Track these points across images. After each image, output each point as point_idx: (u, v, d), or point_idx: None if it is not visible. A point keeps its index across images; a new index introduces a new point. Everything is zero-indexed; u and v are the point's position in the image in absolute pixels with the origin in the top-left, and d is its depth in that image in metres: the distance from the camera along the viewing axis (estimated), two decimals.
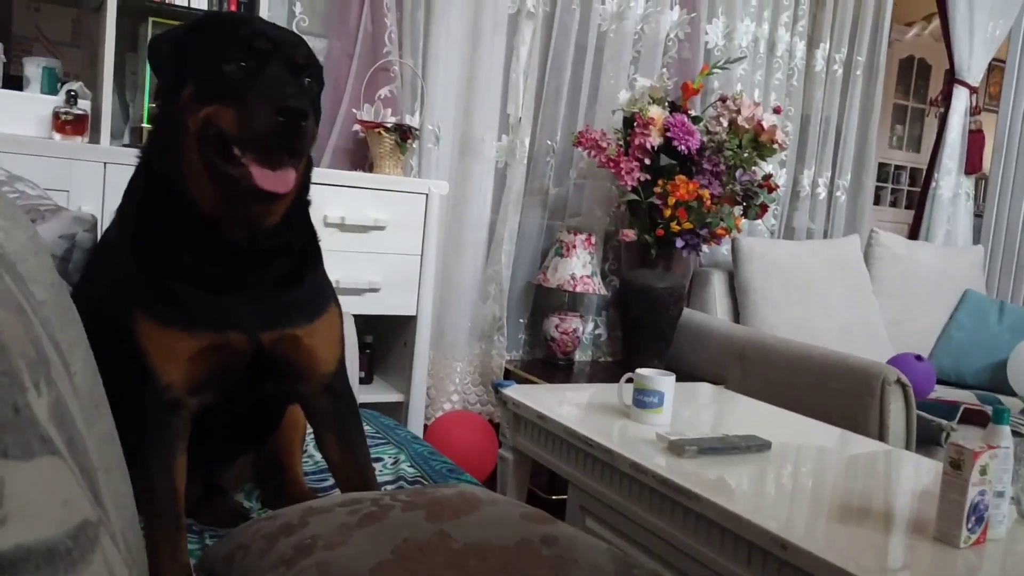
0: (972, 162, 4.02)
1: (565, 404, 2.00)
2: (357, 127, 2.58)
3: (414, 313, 2.48)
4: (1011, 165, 4.03)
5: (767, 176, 2.93)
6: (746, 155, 2.82)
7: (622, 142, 2.85)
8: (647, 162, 2.78)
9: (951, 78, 3.96)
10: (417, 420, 2.52)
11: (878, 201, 5.65)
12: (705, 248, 2.93)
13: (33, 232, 0.67)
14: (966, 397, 2.85)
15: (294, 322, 1.07)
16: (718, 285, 3.16)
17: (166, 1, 2.20)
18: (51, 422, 0.39)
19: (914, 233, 4.03)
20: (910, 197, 6.06)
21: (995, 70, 4.99)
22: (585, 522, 1.71)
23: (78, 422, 0.47)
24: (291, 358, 1.08)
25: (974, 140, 4.01)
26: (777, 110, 3.02)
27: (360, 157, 2.63)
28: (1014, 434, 1.34)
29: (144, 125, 2.23)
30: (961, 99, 3.93)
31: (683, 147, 2.76)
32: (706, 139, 2.86)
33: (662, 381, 1.80)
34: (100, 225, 1.28)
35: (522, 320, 3.09)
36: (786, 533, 1.23)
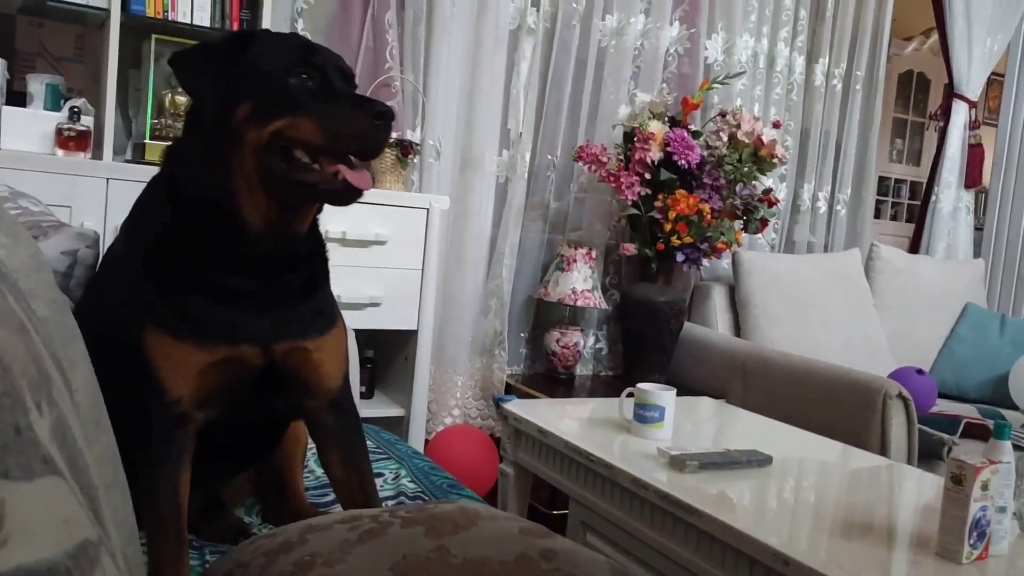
0: (972, 176, 4.02)
1: (566, 419, 2.00)
2: None
3: (415, 327, 2.48)
4: (1011, 179, 4.04)
5: (767, 190, 2.93)
6: (746, 169, 2.83)
7: (622, 157, 2.86)
8: (647, 177, 2.79)
9: (950, 92, 3.97)
10: (418, 435, 2.51)
11: (878, 215, 5.65)
12: (706, 262, 2.93)
13: (35, 249, 0.67)
14: (968, 411, 2.85)
15: (306, 335, 1.07)
16: (719, 299, 3.16)
17: (169, 18, 2.22)
18: (53, 442, 0.40)
19: (915, 247, 4.03)
20: (911, 210, 6.07)
21: (994, 84, 5.01)
22: (586, 537, 1.71)
23: (79, 440, 0.47)
24: (300, 371, 1.08)
25: (974, 154, 4.02)
26: (777, 124, 3.03)
27: None
28: (1015, 448, 1.34)
29: (147, 141, 2.24)
30: (960, 113, 3.94)
31: (683, 161, 2.77)
32: (706, 153, 2.87)
33: (663, 396, 1.80)
34: (103, 241, 1.29)
35: (523, 334, 3.09)
36: (788, 549, 1.23)
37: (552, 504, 2.54)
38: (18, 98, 2.22)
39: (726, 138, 2.86)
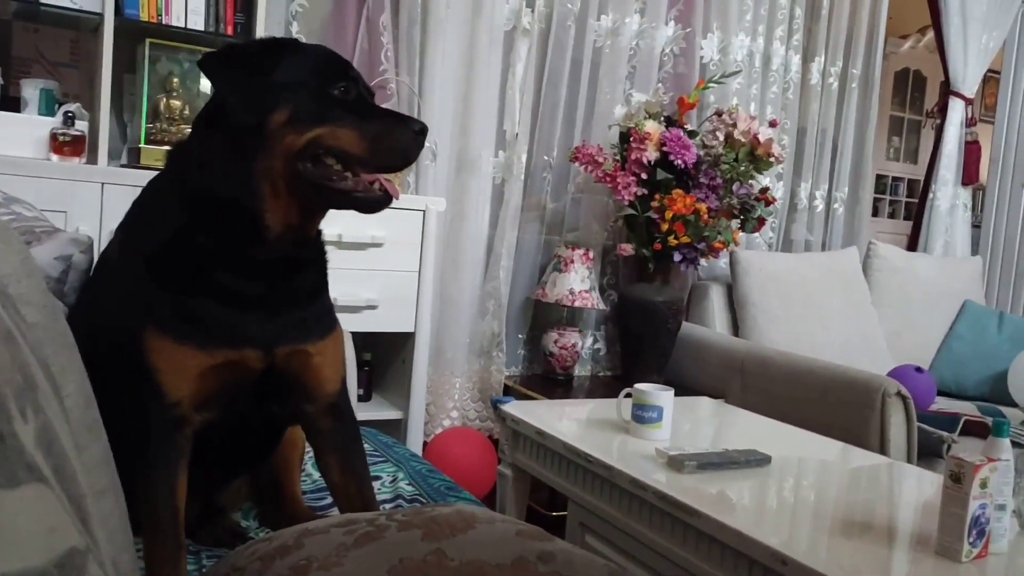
0: (969, 173, 4.02)
1: (564, 420, 2.00)
2: None
3: (412, 330, 2.48)
4: (1008, 175, 4.04)
5: (764, 189, 2.93)
6: (743, 168, 2.83)
7: (619, 157, 2.86)
8: (644, 177, 2.79)
9: (947, 90, 3.97)
10: (416, 437, 2.51)
11: (876, 213, 5.66)
12: (703, 262, 2.93)
13: (26, 254, 0.66)
14: (967, 408, 2.85)
15: (307, 338, 1.08)
16: (717, 298, 3.16)
17: (163, 22, 2.21)
18: (38, 449, 0.39)
19: (912, 244, 4.03)
20: (908, 208, 6.07)
21: (991, 81, 5.01)
22: (585, 538, 1.70)
23: (67, 448, 0.47)
24: (300, 375, 1.08)
25: (971, 151, 4.02)
26: (773, 123, 3.03)
27: None
28: (1014, 446, 1.34)
29: (142, 146, 2.24)
30: (957, 110, 3.94)
31: (680, 161, 2.76)
32: (702, 153, 2.87)
33: (661, 396, 1.80)
34: (97, 246, 1.28)
35: (521, 336, 3.09)
36: (787, 549, 1.22)
37: (551, 506, 2.54)
38: (12, 103, 2.22)
39: (722, 137, 2.85)
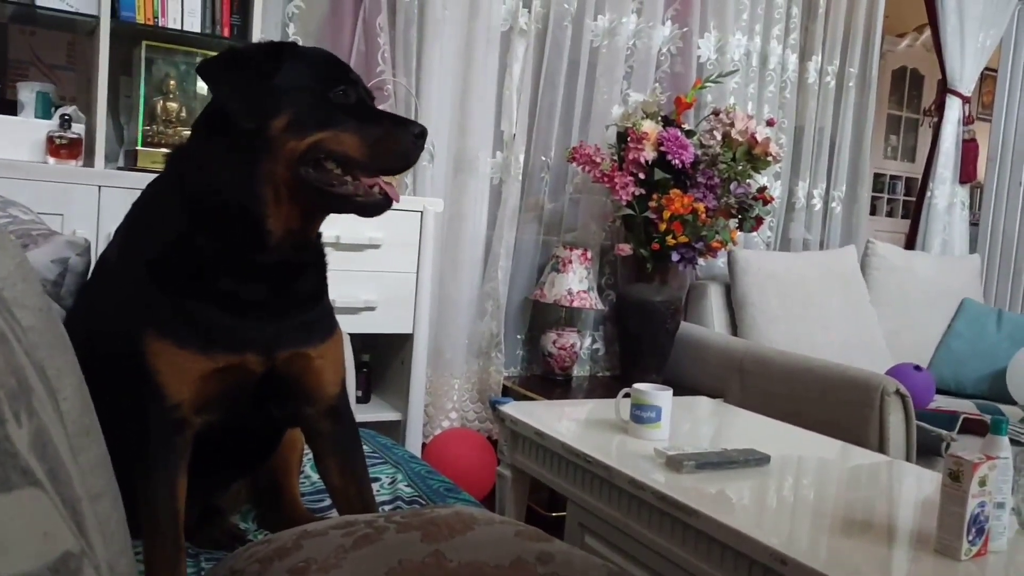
0: (967, 171, 4.02)
1: (563, 420, 1.99)
2: None
3: (411, 331, 2.48)
4: (1005, 173, 4.04)
5: (762, 188, 2.93)
6: (740, 168, 2.83)
7: (616, 157, 2.86)
8: (641, 176, 2.79)
9: (944, 88, 3.97)
10: (415, 438, 2.51)
11: (874, 211, 5.65)
12: (701, 261, 2.93)
13: (21, 257, 0.66)
14: (966, 406, 2.85)
15: (308, 341, 1.08)
16: (715, 298, 3.16)
17: (160, 24, 2.21)
18: (32, 453, 0.39)
19: (910, 243, 4.03)
20: (906, 207, 6.07)
21: (988, 79, 5.01)
22: (584, 539, 1.70)
23: (62, 451, 0.47)
24: (300, 378, 1.08)
25: (968, 149, 4.02)
26: (771, 122, 3.03)
27: None
28: (1013, 443, 1.33)
29: (139, 148, 2.23)
30: (954, 109, 3.94)
31: (677, 161, 2.76)
32: (700, 153, 2.87)
33: (659, 396, 1.80)
34: (94, 249, 1.28)
35: (519, 336, 3.09)
36: (786, 548, 1.22)
37: (550, 506, 2.53)
38: (9, 106, 2.22)
39: (720, 137, 2.85)
